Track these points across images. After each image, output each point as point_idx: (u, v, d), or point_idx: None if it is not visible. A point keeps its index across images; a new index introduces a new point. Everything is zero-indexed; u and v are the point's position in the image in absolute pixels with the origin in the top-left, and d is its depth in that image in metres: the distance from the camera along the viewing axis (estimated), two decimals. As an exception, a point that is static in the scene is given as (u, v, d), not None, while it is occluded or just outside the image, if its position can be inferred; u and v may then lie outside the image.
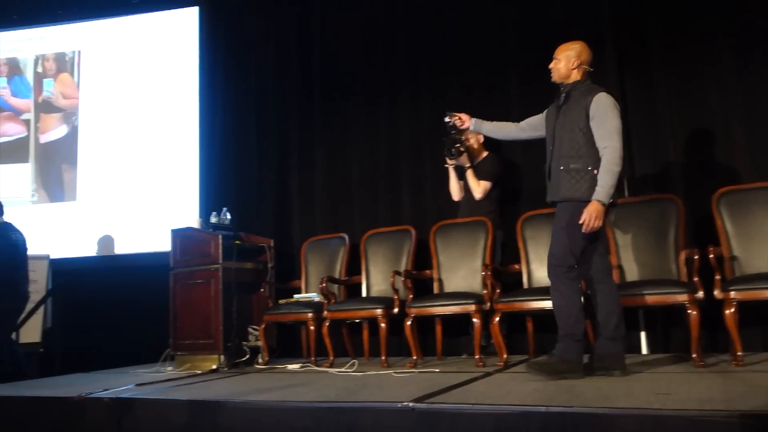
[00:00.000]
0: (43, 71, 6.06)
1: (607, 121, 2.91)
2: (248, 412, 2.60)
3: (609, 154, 2.87)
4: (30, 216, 5.82)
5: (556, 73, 3.12)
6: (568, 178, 2.95)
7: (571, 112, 3.01)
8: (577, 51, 3.06)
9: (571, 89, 3.06)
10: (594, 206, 2.85)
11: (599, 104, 2.93)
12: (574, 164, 2.94)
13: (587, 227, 2.86)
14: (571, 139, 2.97)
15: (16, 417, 3.15)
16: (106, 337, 5.21)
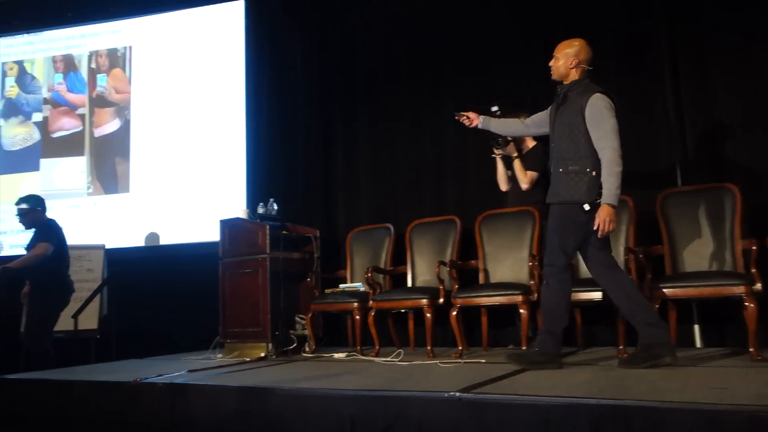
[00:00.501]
0: (96, 67, 6.25)
1: (603, 123, 2.90)
2: (297, 399, 2.64)
3: (608, 155, 2.87)
4: (86, 207, 6.03)
5: (555, 71, 3.13)
6: (567, 180, 2.96)
7: (568, 112, 3.01)
8: (576, 50, 3.05)
9: (568, 89, 3.05)
10: (606, 210, 2.87)
11: (594, 105, 2.92)
12: (573, 166, 2.95)
13: (603, 232, 2.88)
14: (569, 140, 2.98)
15: (77, 399, 3.28)
16: (158, 325, 5.37)
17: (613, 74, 4.26)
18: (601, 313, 3.70)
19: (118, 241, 5.77)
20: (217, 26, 5.90)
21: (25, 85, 6.44)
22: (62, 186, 6.14)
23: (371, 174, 5.11)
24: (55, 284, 4.49)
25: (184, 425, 2.91)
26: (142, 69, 6.11)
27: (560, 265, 3.00)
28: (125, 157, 6.03)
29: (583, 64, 3.06)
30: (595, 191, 2.92)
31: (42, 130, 6.31)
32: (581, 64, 3.05)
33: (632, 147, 4.14)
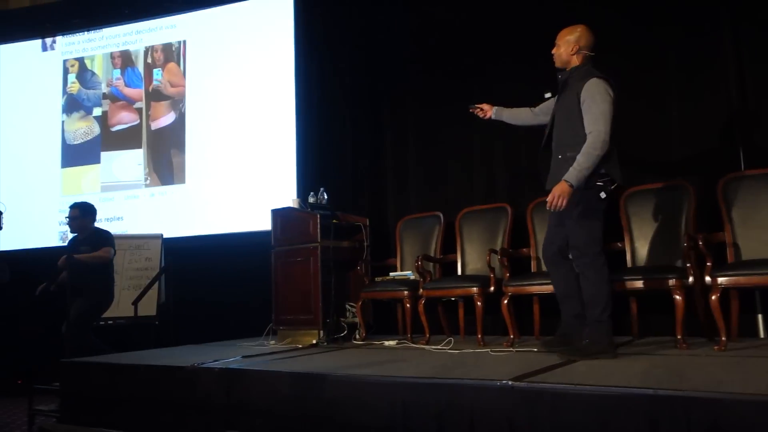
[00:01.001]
0: (152, 62, 6.42)
1: (594, 106, 2.86)
2: (349, 386, 2.67)
3: (592, 138, 2.84)
4: (143, 198, 6.23)
5: (558, 59, 3.10)
6: (566, 167, 2.89)
7: (567, 98, 2.99)
8: (576, 36, 3.04)
9: (569, 75, 3.03)
10: (561, 187, 2.84)
11: (589, 89, 2.89)
12: (572, 152, 2.91)
13: (550, 205, 2.84)
14: (568, 126, 2.96)
15: (139, 383, 3.41)
16: (213, 311, 5.52)
17: (674, 56, 4.13)
18: (657, 301, 3.61)
19: (174, 230, 5.94)
20: (267, 18, 5.97)
21: (85, 81, 6.67)
22: (121, 178, 6.36)
23: (420, 162, 5.09)
24: (108, 288, 4.78)
25: (239, 409, 2.99)
26: (195, 63, 6.24)
27: (594, 253, 2.94)
28: (180, 149, 6.19)
29: (585, 50, 3.03)
30: (594, 176, 2.89)
31: (102, 124, 6.54)
32: (582, 50, 3.03)
33: (693, 131, 4.03)
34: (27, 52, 6.89)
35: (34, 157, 6.71)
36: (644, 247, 3.73)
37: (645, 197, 3.80)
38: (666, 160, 4.15)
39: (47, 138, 6.68)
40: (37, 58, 6.85)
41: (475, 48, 4.92)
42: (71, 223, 4.79)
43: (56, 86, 6.74)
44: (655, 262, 3.66)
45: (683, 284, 3.24)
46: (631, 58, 4.26)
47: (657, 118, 4.21)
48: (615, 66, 4.28)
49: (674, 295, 3.21)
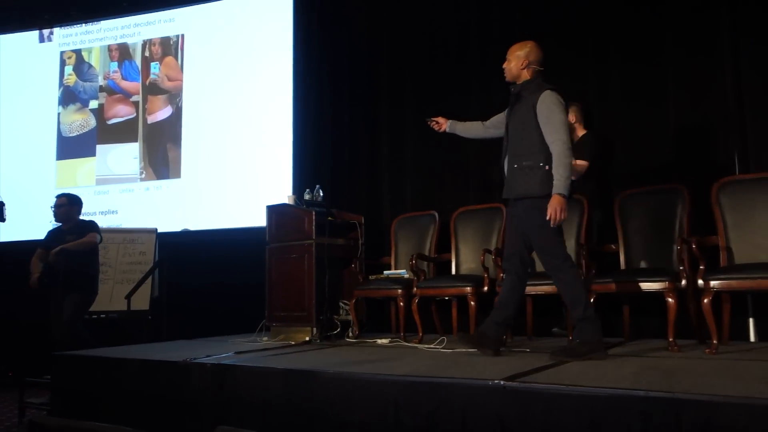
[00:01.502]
0: (150, 55, 6.40)
1: (552, 117, 2.99)
2: (342, 383, 2.67)
3: (558, 148, 2.96)
4: (138, 192, 6.21)
5: (508, 73, 3.21)
6: (522, 175, 3.05)
7: (521, 111, 3.11)
8: (526, 51, 3.15)
9: (521, 89, 3.15)
10: (557, 199, 2.94)
11: (544, 101, 3.02)
12: (527, 161, 3.04)
13: (554, 221, 2.94)
14: (522, 137, 3.07)
15: (131, 377, 3.40)
16: (206, 306, 5.51)
17: (670, 60, 4.14)
18: (649, 304, 3.62)
19: (169, 225, 5.92)
20: (265, 14, 5.96)
21: (82, 73, 6.65)
22: (116, 171, 6.34)
23: (416, 161, 5.10)
24: (95, 278, 4.72)
25: (231, 405, 2.98)
26: (193, 57, 6.23)
27: (564, 257, 3.05)
28: (176, 144, 6.17)
29: (534, 64, 3.15)
30: (548, 184, 2.99)
31: (98, 117, 6.52)
32: (531, 64, 3.14)
33: (688, 135, 4.05)
34: (24, 43, 6.87)
35: (29, 149, 6.69)
36: (638, 249, 3.74)
37: (639, 200, 3.81)
38: (661, 163, 4.16)
39: (43, 130, 6.66)
40: (35, 50, 6.82)
41: (472, 46, 4.93)
42: (57, 211, 4.71)
43: (53, 78, 6.72)
44: (648, 264, 3.67)
45: (676, 287, 3.25)
46: (628, 60, 4.29)
47: (652, 122, 4.23)
48: (611, 68, 4.34)
49: (667, 298, 3.23)
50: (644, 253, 3.72)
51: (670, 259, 3.55)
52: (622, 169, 4.27)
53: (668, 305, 3.22)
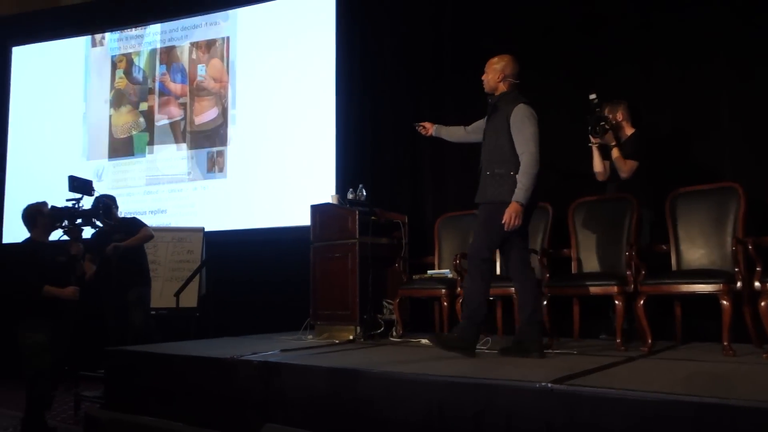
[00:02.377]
0: (196, 58, 6.54)
1: (524, 129, 3.17)
2: (386, 383, 2.68)
3: (526, 159, 3.15)
4: (186, 192, 6.36)
5: (486, 84, 3.40)
6: (493, 182, 3.23)
7: (496, 121, 3.28)
8: (502, 66, 3.35)
9: (498, 100, 3.32)
10: (514, 206, 3.12)
11: (517, 114, 3.20)
12: (499, 169, 3.22)
13: (509, 226, 3.11)
14: (496, 146, 3.25)
15: (180, 373, 3.48)
16: (251, 304, 5.60)
17: (723, 58, 4.01)
18: (702, 306, 3.52)
19: (215, 224, 6.04)
20: (309, 15, 6.01)
21: (132, 76, 6.84)
22: (165, 171, 6.50)
23: (460, 159, 5.05)
24: (148, 270, 4.81)
25: (276, 402, 3.02)
26: (238, 59, 6.33)
27: (484, 258, 3.23)
28: (222, 144, 6.29)
29: (510, 78, 3.34)
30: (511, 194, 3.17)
31: (147, 119, 6.69)
32: (508, 77, 3.33)
33: (741, 133, 3.92)
34: (77, 48, 7.10)
35: (81, 151, 6.91)
36: (690, 250, 3.64)
37: (692, 199, 3.70)
38: (715, 161, 4.04)
39: (95, 131, 6.88)
40: (87, 54, 7.05)
41: (519, 45, 4.85)
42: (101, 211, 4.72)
43: (105, 81, 6.93)
44: (701, 265, 3.56)
45: (731, 289, 3.15)
46: (678, 54, 4.16)
47: (704, 119, 4.11)
48: (661, 64, 4.23)
49: (721, 300, 3.12)
50: (697, 253, 3.61)
51: (725, 261, 3.43)
52: (674, 168, 4.15)
53: (723, 308, 3.12)
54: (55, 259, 4.04)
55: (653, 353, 3.24)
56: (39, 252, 4.06)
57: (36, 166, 7.05)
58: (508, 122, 3.22)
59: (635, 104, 4.12)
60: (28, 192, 7.03)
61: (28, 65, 7.35)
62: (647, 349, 3.29)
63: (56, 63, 7.17)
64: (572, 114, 4.39)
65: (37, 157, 7.08)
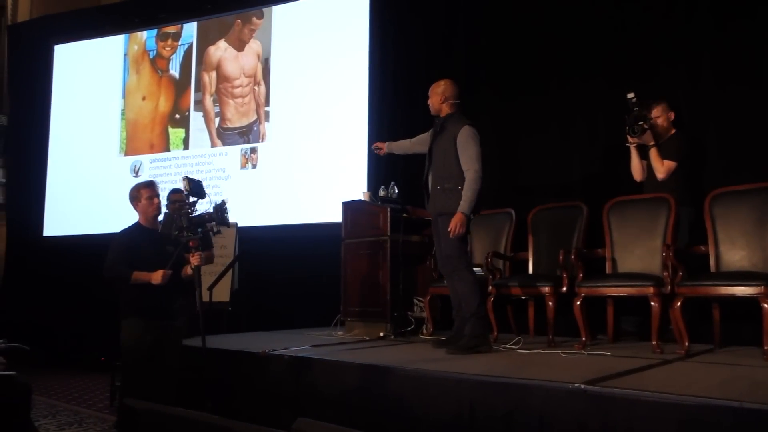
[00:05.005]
0: (231, 55, 6.61)
1: (469, 148, 3.51)
2: (417, 380, 2.68)
3: (471, 175, 3.49)
4: (220, 187, 6.45)
5: (431, 107, 3.73)
6: (443, 196, 3.58)
7: (444, 141, 3.61)
8: (442, 89, 3.67)
9: (444, 121, 3.64)
10: (459, 217, 3.46)
11: (463, 135, 3.53)
12: (448, 184, 3.56)
13: (453, 233, 3.45)
14: (444, 164, 3.59)
15: (213, 366, 3.53)
16: (283, 299, 5.65)
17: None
18: (742, 309, 3.42)
19: (248, 219, 6.10)
20: (342, 11, 6.04)
21: (168, 73, 6.96)
22: (200, 167, 6.60)
23: (492, 157, 4.99)
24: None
25: (307, 396, 3.05)
26: (272, 56, 6.38)
27: (466, 260, 3.65)
28: (256, 141, 6.36)
29: (451, 99, 3.65)
30: None
31: (183, 115, 6.81)
32: (449, 99, 3.65)
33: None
34: (115, 46, 7.26)
35: (119, 146, 7.07)
36: (731, 251, 3.53)
37: (733, 199, 3.59)
38: (758, 161, 3.93)
39: (132, 127, 7.05)
40: (125, 51, 7.20)
41: (553, 45, 4.80)
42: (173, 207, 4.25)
43: (142, 78, 7.08)
44: (741, 267, 3.46)
45: (772, 292, 3.05)
46: (722, 53, 4.06)
47: (747, 118, 4.00)
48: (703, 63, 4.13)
49: (762, 304, 3.03)
50: (737, 255, 3.51)
51: (766, 263, 3.33)
52: (715, 168, 4.06)
53: (763, 311, 3.02)
54: (163, 247, 3.54)
55: (690, 356, 3.17)
56: (142, 238, 3.62)
57: (75, 161, 7.24)
58: (454, 141, 3.54)
59: (677, 104, 4.04)
60: (68, 186, 7.25)
61: (69, 63, 7.53)
62: (684, 351, 3.22)
63: (96, 60, 7.35)
64: (609, 115, 4.33)
65: (76, 152, 7.26)
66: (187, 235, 3.35)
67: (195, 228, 3.40)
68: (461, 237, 3.53)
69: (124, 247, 3.56)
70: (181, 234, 3.35)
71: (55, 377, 5.75)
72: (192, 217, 3.42)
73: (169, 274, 3.44)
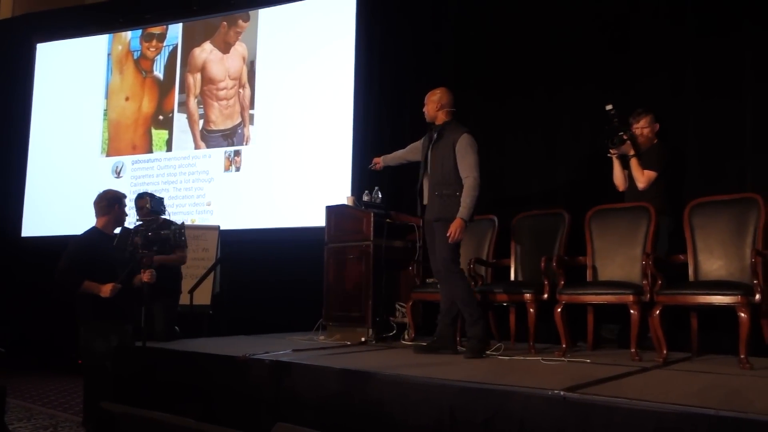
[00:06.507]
0: (216, 57, 6.58)
1: (468, 156, 3.59)
2: (397, 386, 2.67)
3: (470, 182, 3.57)
4: (202, 190, 6.41)
5: (427, 114, 3.80)
6: (441, 202, 3.63)
7: (442, 148, 3.66)
8: (438, 97, 3.74)
9: (441, 128, 3.70)
10: (458, 222, 3.53)
11: (462, 143, 3.60)
12: (446, 190, 3.62)
13: (453, 239, 3.53)
14: (442, 170, 3.64)
15: (192, 369, 3.50)
16: (264, 303, 5.62)
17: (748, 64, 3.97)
18: (719, 317, 3.47)
19: (231, 222, 6.07)
20: (329, 16, 6.04)
21: (152, 74, 6.92)
22: (183, 169, 6.56)
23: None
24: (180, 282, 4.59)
25: (287, 401, 3.03)
26: (258, 59, 6.36)
27: (457, 264, 3.67)
28: (240, 143, 6.33)
29: (446, 107, 3.73)
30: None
31: (166, 117, 6.77)
32: (445, 107, 3.73)
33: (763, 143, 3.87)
34: (99, 45, 7.19)
35: (101, 147, 7.00)
36: (709, 261, 3.58)
37: (712, 209, 3.64)
38: (736, 172, 3.99)
39: (115, 128, 6.99)
40: (108, 51, 7.14)
41: (541, 48, 4.84)
42: (142, 212, 4.34)
43: (125, 78, 7.03)
44: (719, 277, 3.51)
45: (749, 301, 3.10)
46: (702, 63, 4.12)
47: (726, 129, 4.07)
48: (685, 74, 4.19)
49: (739, 313, 3.08)
50: (715, 265, 3.56)
51: (743, 273, 3.38)
52: (695, 178, 4.12)
53: (740, 320, 3.07)
54: (120, 254, 3.66)
55: (668, 364, 3.20)
56: (100, 245, 3.74)
57: (56, 161, 7.15)
58: (453, 149, 3.60)
59: (659, 115, 4.09)
60: (48, 186, 7.15)
61: (51, 61, 7.45)
62: (662, 359, 3.25)
63: (79, 59, 7.27)
64: (593, 123, 4.37)
65: (57, 151, 7.17)
66: (141, 252, 3.52)
67: (150, 246, 3.55)
68: (457, 242, 3.59)
69: (81, 253, 3.69)
70: (136, 251, 3.51)
71: (30, 380, 5.65)
72: (149, 235, 3.55)
73: (118, 288, 3.57)
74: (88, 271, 3.62)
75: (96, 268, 3.62)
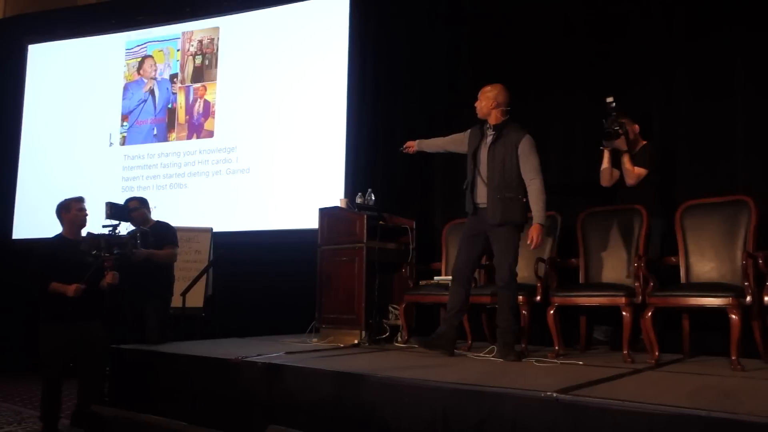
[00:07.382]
0: (209, 59, 6.57)
1: (532, 158, 3.50)
2: (390, 388, 2.67)
3: (537, 185, 3.48)
4: (195, 191, 6.39)
5: (479, 111, 3.65)
6: (504, 205, 3.49)
7: (502, 148, 3.53)
8: (494, 94, 3.60)
9: (502, 128, 3.57)
10: (537, 228, 3.48)
11: (525, 145, 3.51)
12: (509, 194, 3.50)
13: (535, 245, 3.48)
14: (503, 172, 3.51)
15: (185, 372, 3.48)
16: (257, 306, 5.60)
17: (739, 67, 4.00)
18: (711, 319, 3.48)
19: (224, 225, 6.05)
20: (323, 20, 6.03)
21: (145, 76, 6.89)
22: (176, 171, 6.54)
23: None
24: (173, 284, 4.55)
25: (280, 404, 3.02)
26: (251, 62, 6.35)
27: (515, 273, 3.56)
28: (233, 146, 6.31)
29: (502, 105, 3.59)
30: (525, 214, 3.52)
31: (157, 119, 6.74)
32: (500, 105, 3.58)
33: (755, 145, 3.89)
34: (91, 47, 7.16)
35: (93, 150, 6.98)
36: (700, 263, 3.61)
37: (703, 211, 3.67)
38: (728, 175, 4.01)
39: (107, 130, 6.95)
40: (99, 53, 7.11)
41: (534, 50, 4.85)
42: (133, 215, 4.29)
43: (116, 79, 7.00)
44: (711, 279, 3.53)
45: (740, 303, 3.12)
46: (693, 64, 4.14)
47: (718, 131, 4.09)
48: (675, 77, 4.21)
49: (730, 315, 3.09)
50: (707, 267, 3.58)
51: (735, 275, 3.40)
52: (686, 180, 4.13)
53: (732, 322, 3.09)
54: (84, 258, 3.87)
55: (660, 366, 3.22)
56: (65, 249, 3.96)
57: (48, 163, 7.10)
58: (516, 150, 3.49)
59: (650, 117, 4.11)
60: (39, 189, 7.11)
61: (43, 63, 7.41)
62: (654, 361, 3.26)
63: (71, 61, 7.23)
64: (586, 126, 4.39)
65: (48, 154, 7.13)
66: (103, 255, 3.78)
67: (111, 249, 3.81)
68: (517, 251, 3.56)
69: (48, 256, 3.97)
70: (99, 253, 3.77)
71: (18, 383, 5.62)
72: (109, 239, 3.84)
73: (82, 288, 3.81)
74: (56, 273, 3.89)
75: (60, 270, 3.88)
